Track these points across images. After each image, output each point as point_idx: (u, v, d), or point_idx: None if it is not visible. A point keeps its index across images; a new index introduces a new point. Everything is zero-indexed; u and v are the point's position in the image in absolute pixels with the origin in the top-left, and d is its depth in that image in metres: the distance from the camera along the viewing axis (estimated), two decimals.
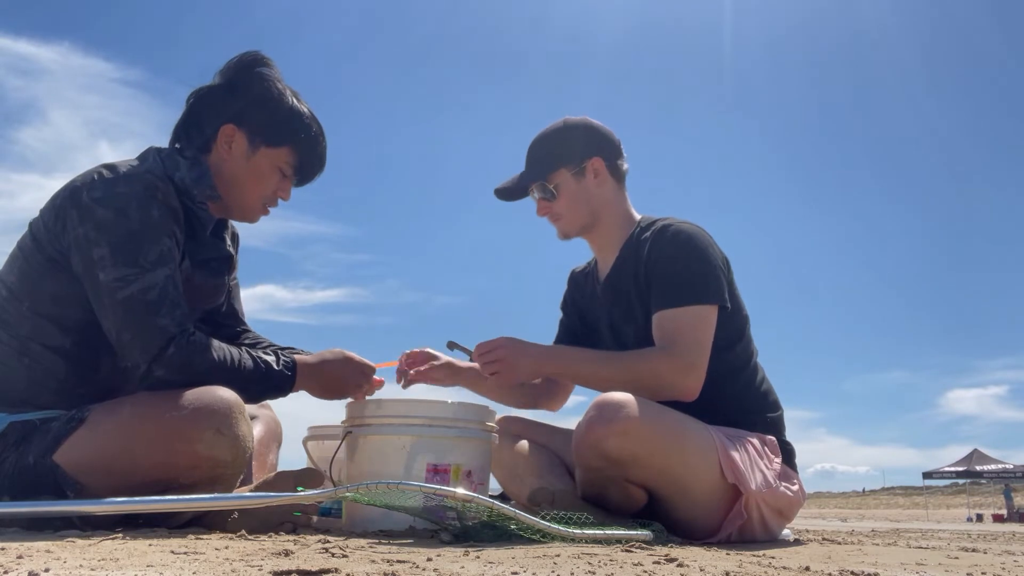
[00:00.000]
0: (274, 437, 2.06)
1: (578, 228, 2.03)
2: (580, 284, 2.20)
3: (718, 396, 1.81)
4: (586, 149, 2.00)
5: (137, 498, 1.40)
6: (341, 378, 1.76)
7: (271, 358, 1.66)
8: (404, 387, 2.00)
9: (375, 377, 1.83)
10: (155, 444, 1.46)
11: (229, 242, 1.88)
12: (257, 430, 1.96)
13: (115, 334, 1.53)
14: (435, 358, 2.02)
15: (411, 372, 1.98)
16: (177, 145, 1.75)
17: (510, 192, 2.05)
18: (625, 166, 2.06)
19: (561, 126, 2.04)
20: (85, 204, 1.54)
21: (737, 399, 1.89)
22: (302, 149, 1.77)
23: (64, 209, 1.57)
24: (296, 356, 1.72)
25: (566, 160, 1.99)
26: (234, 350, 1.61)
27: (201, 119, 1.74)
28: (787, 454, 1.91)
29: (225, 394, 1.52)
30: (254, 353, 1.65)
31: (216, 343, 1.58)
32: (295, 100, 1.76)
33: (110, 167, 1.60)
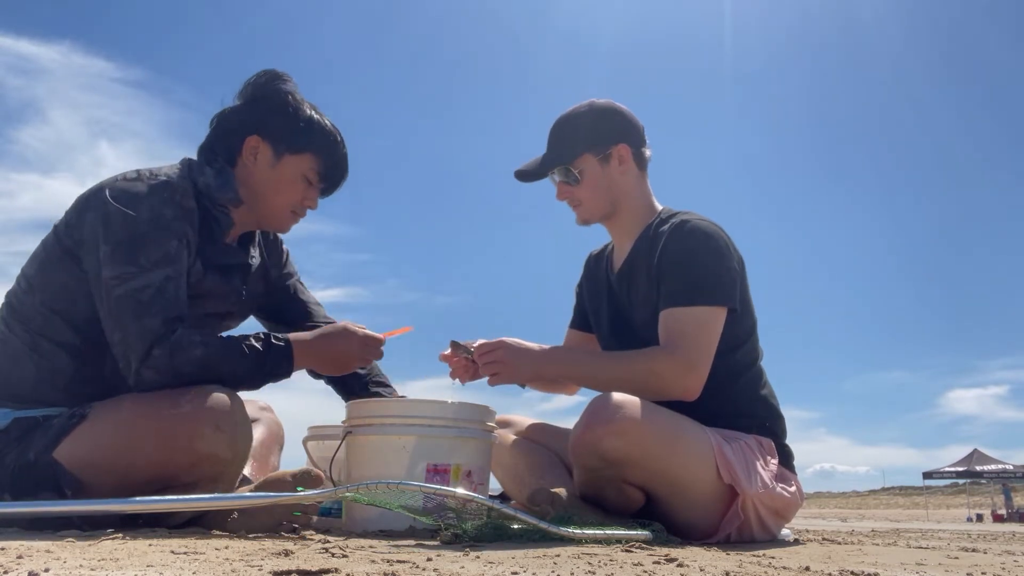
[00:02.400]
0: (276, 440, 2.06)
1: (599, 215, 2.01)
2: (592, 267, 2.18)
3: (719, 397, 1.80)
4: (613, 135, 1.96)
5: (137, 498, 1.40)
6: (344, 352, 1.76)
7: (260, 344, 1.64)
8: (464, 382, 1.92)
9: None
10: (155, 441, 1.47)
11: (256, 253, 1.91)
12: (258, 432, 1.97)
13: (109, 332, 1.55)
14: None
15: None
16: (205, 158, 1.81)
17: (532, 175, 2.01)
18: (648, 153, 2.03)
19: (587, 109, 1.99)
20: (103, 200, 1.58)
21: (737, 401, 1.87)
22: (324, 155, 1.81)
23: (86, 203, 1.62)
24: (292, 336, 1.71)
25: (592, 145, 1.95)
26: (222, 344, 1.59)
27: (226, 135, 1.79)
28: (784, 456, 1.91)
29: (224, 392, 1.52)
30: (246, 341, 1.63)
31: (203, 339, 1.57)
32: (314, 111, 1.82)
33: (137, 170, 1.67)
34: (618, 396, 1.65)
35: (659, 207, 2.01)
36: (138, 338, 1.51)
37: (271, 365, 1.65)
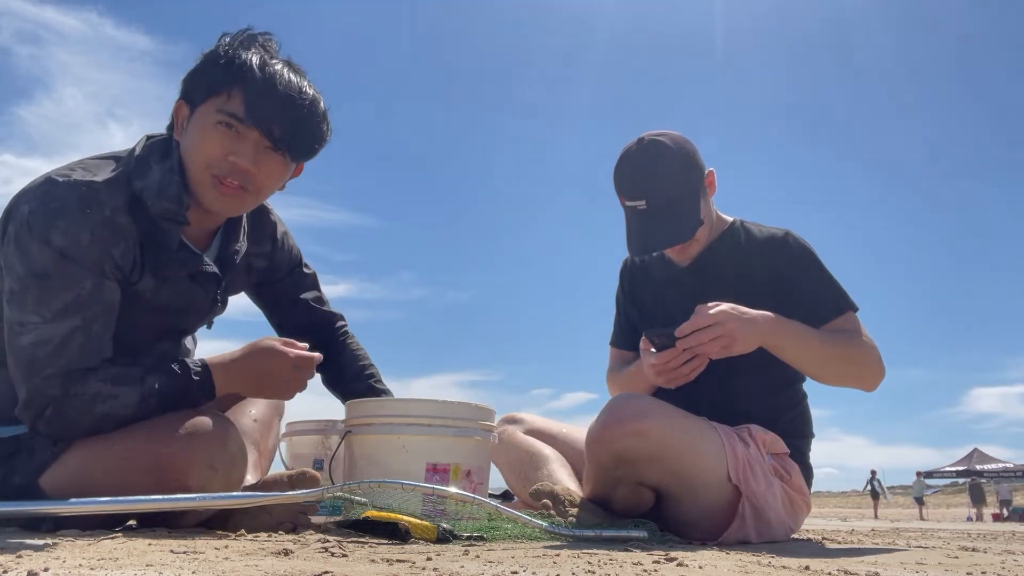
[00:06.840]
0: (276, 411, 2.00)
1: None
2: (635, 271, 2.12)
3: (765, 404, 1.85)
4: (700, 164, 1.91)
5: (136, 497, 1.39)
6: (272, 375, 1.55)
7: (168, 379, 1.47)
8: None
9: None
10: (145, 478, 1.39)
11: (243, 242, 1.70)
12: (259, 408, 1.93)
13: (12, 377, 1.44)
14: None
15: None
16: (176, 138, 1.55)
17: (669, 243, 1.87)
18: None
19: (666, 154, 1.84)
20: (16, 218, 1.40)
21: (786, 427, 1.89)
22: (245, 87, 1.40)
23: (7, 217, 1.44)
24: (211, 360, 1.53)
25: (701, 187, 1.89)
26: (136, 399, 1.44)
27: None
28: (804, 468, 1.92)
29: (221, 425, 1.45)
30: (153, 379, 1.46)
31: (111, 391, 1.42)
32: (244, 51, 1.44)
33: (60, 171, 1.43)
34: (636, 396, 1.69)
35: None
36: (33, 397, 1.41)
37: (192, 400, 1.51)
